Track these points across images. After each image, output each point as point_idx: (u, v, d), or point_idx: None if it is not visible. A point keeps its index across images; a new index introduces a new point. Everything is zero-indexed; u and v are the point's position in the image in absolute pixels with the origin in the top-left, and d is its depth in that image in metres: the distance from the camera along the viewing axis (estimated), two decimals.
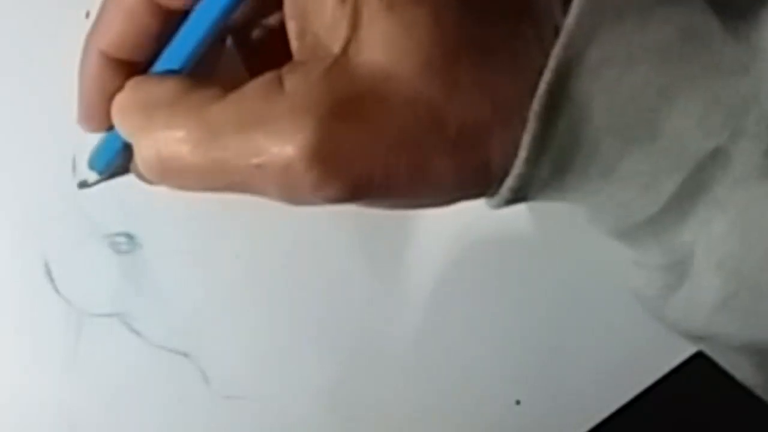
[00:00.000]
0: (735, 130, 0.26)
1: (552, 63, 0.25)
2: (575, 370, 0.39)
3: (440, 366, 0.39)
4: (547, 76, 0.25)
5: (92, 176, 0.33)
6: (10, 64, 0.37)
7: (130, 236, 0.36)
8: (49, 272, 0.36)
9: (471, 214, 0.38)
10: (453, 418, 0.39)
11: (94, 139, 0.36)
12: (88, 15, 0.36)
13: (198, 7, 0.28)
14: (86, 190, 0.34)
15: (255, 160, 0.25)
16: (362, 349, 0.38)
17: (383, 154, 0.25)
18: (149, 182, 0.29)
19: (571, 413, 0.39)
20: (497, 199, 0.27)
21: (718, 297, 0.28)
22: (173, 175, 0.27)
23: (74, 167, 0.36)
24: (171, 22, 0.29)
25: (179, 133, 0.26)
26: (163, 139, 0.27)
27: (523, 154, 0.26)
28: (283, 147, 0.25)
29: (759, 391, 0.32)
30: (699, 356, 0.39)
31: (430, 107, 0.25)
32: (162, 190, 0.36)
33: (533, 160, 0.26)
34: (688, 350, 0.39)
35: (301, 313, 0.38)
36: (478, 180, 0.27)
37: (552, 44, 0.25)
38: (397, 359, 0.38)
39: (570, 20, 0.25)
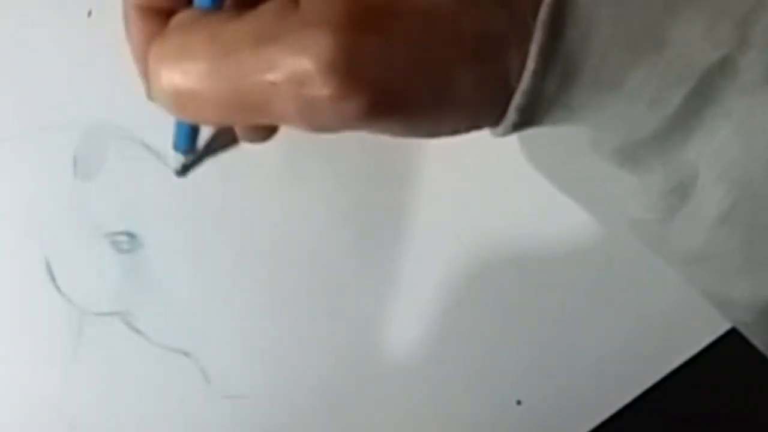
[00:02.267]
0: (742, 40, 0.26)
1: None
2: (575, 370, 0.39)
3: (440, 366, 0.39)
4: None
5: (178, 160, 0.32)
6: (12, 63, 0.37)
7: (131, 235, 0.36)
8: (50, 271, 0.36)
9: (471, 214, 0.38)
10: (453, 418, 0.39)
11: (95, 138, 0.36)
12: (90, 14, 0.37)
13: None
14: (87, 189, 0.34)
15: (270, 76, 0.25)
16: (362, 349, 0.38)
17: (401, 67, 0.25)
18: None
19: (571, 413, 0.39)
20: (504, 123, 0.27)
21: (721, 209, 0.28)
22: (189, 101, 0.26)
23: (75, 166, 0.36)
24: None
25: (191, 55, 0.26)
26: (176, 63, 0.26)
27: (530, 66, 0.25)
28: (299, 60, 0.24)
29: (747, 331, 0.32)
30: (699, 358, 0.39)
31: (447, 17, 0.25)
32: (163, 190, 0.36)
33: (541, 73, 0.26)
34: (688, 351, 0.39)
35: (301, 313, 0.38)
36: (496, 96, 0.26)
37: None
38: (397, 359, 0.38)
39: None
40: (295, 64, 0.24)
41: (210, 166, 0.36)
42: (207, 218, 0.36)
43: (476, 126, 0.28)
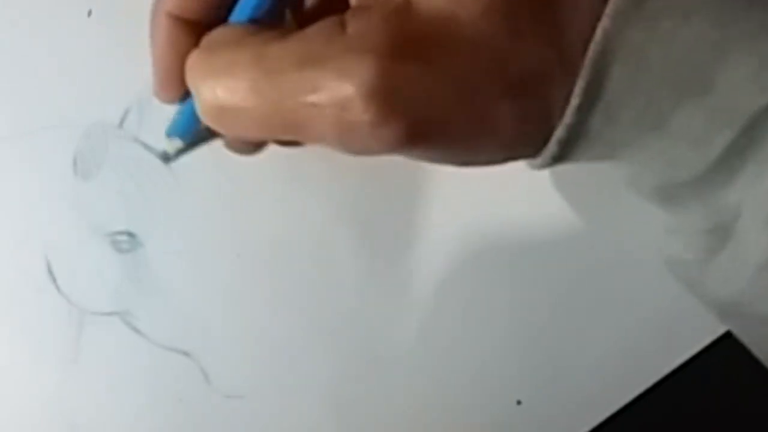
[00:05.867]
0: None
1: (609, 9, 0.25)
2: (575, 370, 0.39)
3: (441, 366, 0.39)
4: (604, 22, 0.25)
5: (171, 145, 0.32)
6: (11, 63, 0.37)
7: (131, 235, 0.36)
8: (50, 270, 0.36)
9: (472, 215, 0.38)
10: (453, 418, 0.39)
11: (95, 138, 0.36)
12: (90, 14, 0.37)
13: None
14: (87, 188, 0.34)
15: (313, 98, 0.25)
16: (362, 348, 0.38)
17: (443, 97, 0.25)
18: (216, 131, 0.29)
19: (571, 413, 0.39)
20: (543, 156, 0.27)
21: (765, 255, 0.28)
22: (231, 117, 0.27)
23: (75, 166, 0.36)
24: None
25: (237, 73, 0.26)
26: (221, 80, 0.26)
27: (575, 101, 0.25)
28: (342, 84, 0.25)
29: None
30: (699, 358, 0.39)
31: (493, 51, 0.25)
32: (163, 190, 0.36)
33: (585, 109, 0.26)
34: (688, 351, 0.39)
35: (301, 313, 0.38)
36: (536, 129, 0.26)
37: None
38: (397, 359, 0.38)
39: None
40: (338, 88, 0.25)
41: (210, 166, 0.36)
42: (207, 218, 0.36)
43: (513, 157, 0.28)
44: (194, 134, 0.32)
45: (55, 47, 0.37)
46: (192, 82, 0.28)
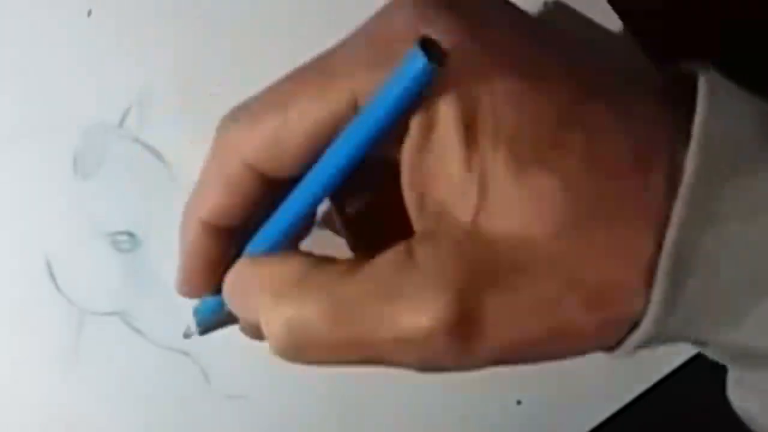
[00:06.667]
0: None
1: (676, 219, 0.25)
2: (575, 370, 0.39)
3: None
4: (672, 234, 0.25)
5: (194, 327, 0.33)
6: (11, 62, 0.37)
7: (131, 235, 0.36)
8: (50, 270, 0.36)
9: None
10: (453, 418, 0.39)
11: (95, 138, 0.36)
12: (90, 14, 0.37)
13: (306, 178, 0.28)
14: (87, 188, 0.34)
15: (393, 335, 0.25)
16: None
17: (524, 322, 0.25)
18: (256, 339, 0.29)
19: (571, 413, 0.39)
20: (618, 352, 0.27)
21: None
22: (307, 351, 0.27)
23: (75, 166, 0.36)
24: (274, 189, 0.28)
25: (313, 312, 0.26)
26: (296, 318, 0.26)
27: (651, 314, 0.25)
28: (422, 321, 0.25)
29: None
30: (699, 358, 0.39)
31: (567, 270, 0.25)
32: (163, 190, 0.36)
33: (662, 320, 0.26)
34: (688, 351, 0.39)
35: None
36: (615, 336, 0.27)
37: (672, 193, 0.25)
38: None
39: (689, 175, 0.25)
40: (416, 323, 0.25)
41: None
42: None
43: (591, 353, 0.28)
44: (217, 322, 0.33)
45: (55, 47, 0.37)
46: (253, 312, 0.28)
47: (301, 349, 0.27)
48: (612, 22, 0.37)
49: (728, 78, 0.27)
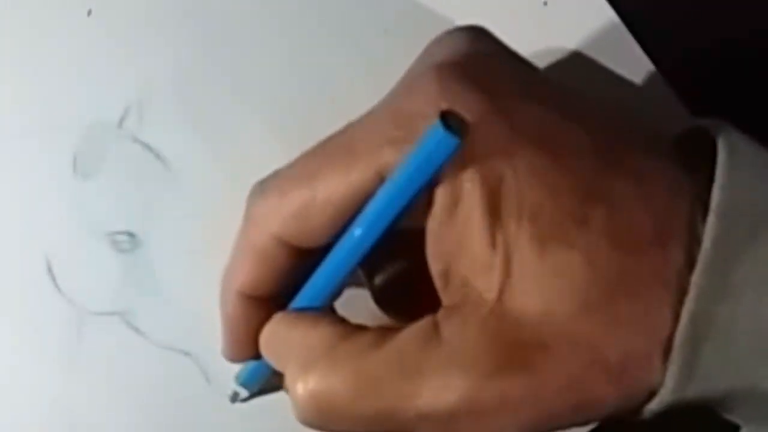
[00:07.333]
0: None
1: (693, 292, 0.25)
2: None
3: None
4: (689, 306, 0.25)
5: (242, 391, 0.34)
6: (12, 62, 0.37)
7: (131, 234, 0.36)
8: (50, 270, 0.36)
9: None
10: None
11: (95, 138, 0.36)
12: (90, 13, 0.37)
13: (338, 246, 0.28)
14: (87, 188, 0.34)
15: (416, 412, 0.26)
16: None
17: (549, 398, 0.26)
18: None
19: None
20: (635, 416, 0.27)
21: None
22: (330, 421, 0.27)
23: (75, 166, 0.36)
24: (305, 258, 0.29)
25: (338, 385, 0.27)
26: (322, 387, 0.27)
27: (669, 384, 0.26)
28: (447, 399, 0.25)
29: None
30: None
31: (591, 345, 0.25)
32: (163, 190, 0.36)
33: (679, 390, 0.26)
34: None
35: None
36: (636, 406, 0.27)
37: (690, 263, 0.25)
38: None
39: (707, 246, 0.25)
40: (440, 403, 0.25)
41: (210, 166, 0.36)
42: (207, 218, 0.36)
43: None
44: (262, 386, 0.34)
45: (55, 47, 0.37)
46: (282, 369, 0.29)
47: (324, 419, 0.27)
48: (642, 67, 0.36)
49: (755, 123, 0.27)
